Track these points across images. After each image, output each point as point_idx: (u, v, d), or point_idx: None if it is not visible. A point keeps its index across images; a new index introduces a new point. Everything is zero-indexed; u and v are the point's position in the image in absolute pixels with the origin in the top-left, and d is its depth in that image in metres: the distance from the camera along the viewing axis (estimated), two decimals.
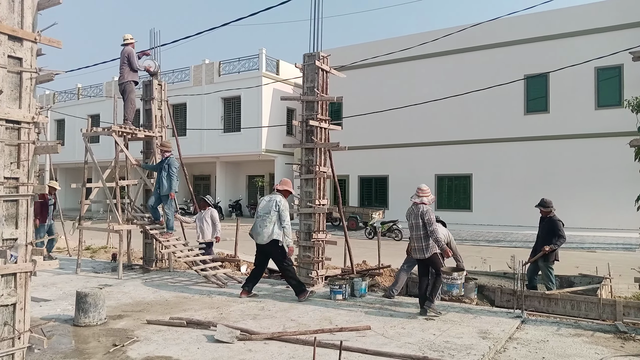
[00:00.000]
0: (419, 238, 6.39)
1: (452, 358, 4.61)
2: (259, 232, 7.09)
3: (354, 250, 9.17)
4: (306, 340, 4.98)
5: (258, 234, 7.10)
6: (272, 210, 7.07)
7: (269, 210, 7.09)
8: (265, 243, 7.06)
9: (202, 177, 32.20)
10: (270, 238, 7.02)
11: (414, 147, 23.22)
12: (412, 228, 6.48)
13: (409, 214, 6.58)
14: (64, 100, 34.53)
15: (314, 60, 7.96)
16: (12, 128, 4.08)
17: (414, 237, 6.47)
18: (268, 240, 7.04)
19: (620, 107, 18.24)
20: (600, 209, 19.06)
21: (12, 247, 4.04)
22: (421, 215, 6.36)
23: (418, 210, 6.43)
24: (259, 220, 7.12)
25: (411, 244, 6.65)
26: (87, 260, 10.82)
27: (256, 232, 7.13)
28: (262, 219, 7.09)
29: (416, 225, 6.41)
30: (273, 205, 7.09)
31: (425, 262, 6.48)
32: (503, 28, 20.60)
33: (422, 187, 6.59)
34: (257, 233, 7.12)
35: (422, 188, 6.58)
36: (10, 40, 4.03)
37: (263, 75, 25.37)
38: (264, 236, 7.04)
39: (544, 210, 7.83)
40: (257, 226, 7.13)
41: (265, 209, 7.13)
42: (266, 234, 7.02)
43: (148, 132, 9.87)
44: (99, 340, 5.17)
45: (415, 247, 6.46)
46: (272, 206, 7.09)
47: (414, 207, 6.57)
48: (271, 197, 7.27)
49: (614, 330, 5.68)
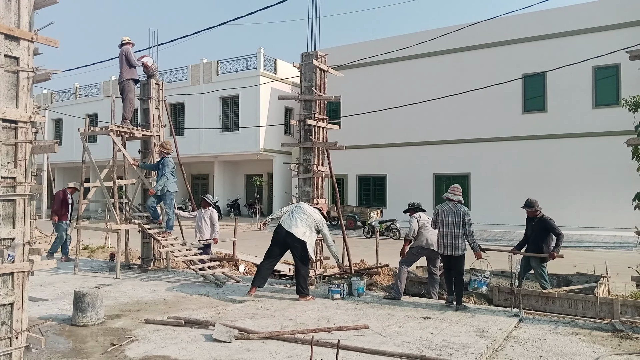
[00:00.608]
0: (456, 236, 6.66)
1: (450, 357, 4.62)
2: (296, 223, 7.04)
3: (352, 249, 9.17)
4: (304, 340, 4.98)
5: (295, 225, 7.03)
6: (312, 222, 7.20)
7: (309, 218, 7.19)
8: (299, 237, 6.97)
9: (200, 176, 32.18)
10: (304, 237, 7.00)
11: (412, 147, 23.22)
12: (449, 225, 6.69)
13: (446, 211, 6.76)
14: (62, 100, 34.44)
15: (312, 60, 7.97)
16: (9, 127, 4.07)
17: (449, 234, 6.68)
18: (302, 237, 6.99)
19: (618, 106, 18.26)
20: (598, 207, 19.09)
21: (10, 246, 4.03)
22: (463, 214, 6.69)
23: (458, 209, 6.73)
24: (297, 215, 7.15)
25: (442, 240, 6.78)
26: (85, 260, 10.80)
27: (293, 222, 7.06)
28: (301, 217, 7.13)
29: (456, 223, 6.68)
30: (313, 222, 7.21)
31: (454, 260, 6.72)
32: (501, 27, 20.61)
33: (457, 186, 6.95)
34: (293, 224, 7.04)
35: (457, 187, 6.93)
36: (6, 39, 4.02)
37: (261, 74, 25.35)
38: (299, 230, 7.00)
39: (531, 210, 7.81)
40: (295, 219, 7.11)
41: (300, 213, 7.21)
42: (301, 231, 7.01)
43: (146, 131, 9.86)
44: (97, 339, 5.17)
45: (448, 244, 6.68)
46: (311, 222, 7.20)
47: (452, 206, 6.79)
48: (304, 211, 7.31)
49: (611, 329, 5.70)
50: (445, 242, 6.74)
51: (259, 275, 7.16)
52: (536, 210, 7.77)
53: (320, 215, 7.38)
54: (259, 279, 7.11)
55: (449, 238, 6.69)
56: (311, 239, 7.11)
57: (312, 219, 7.20)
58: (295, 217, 7.13)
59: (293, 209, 7.33)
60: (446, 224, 6.73)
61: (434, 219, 6.93)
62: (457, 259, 6.74)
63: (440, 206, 6.90)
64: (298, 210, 7.27)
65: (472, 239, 6.70)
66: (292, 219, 7.12)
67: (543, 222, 7.65)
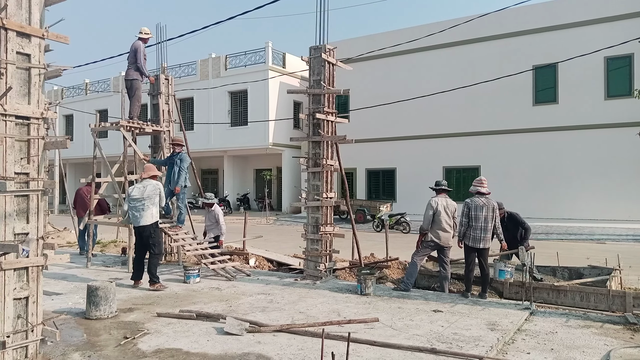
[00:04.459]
0: (489, 229, 6.88)
1: (461, 349, 4.62)
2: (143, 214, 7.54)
3: (362, 243, 9.18)
4: (315, 332, 5.01)
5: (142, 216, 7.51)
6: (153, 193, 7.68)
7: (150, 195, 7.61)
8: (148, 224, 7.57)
9: (210, 171, 32.32)
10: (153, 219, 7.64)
11: (422, 140, 23.11)
12: (482, 219, 6.84)
13: (480, 206, 6.88)
14: (72, 96, 34.72)
15: (320, 53, 7.94)
16: (21, 124, 4.12)
17: (482, 228, 6.84)
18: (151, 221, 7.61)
19: (631, 97, 18.01)
20: (610, 200, 18.90)
21: (24, 241, 4.09)
22: (495, 208, 6.94)
23: (491, 203, 6.91)
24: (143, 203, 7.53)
25: (474, 233, 6.87)
26: (97, 254, 10.92)
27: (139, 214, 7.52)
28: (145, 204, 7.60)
29: (490, 217, 6.87)
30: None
31: (484, 252, 6.95)
32: (511, 18, 20.39)
33: (484, 179, 7.11)
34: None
35: (484, 179, 7.09)
36: (18, 36, 4.06)
37: (269, 68, 25.33)
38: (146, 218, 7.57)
39: (500, 211, 7.73)
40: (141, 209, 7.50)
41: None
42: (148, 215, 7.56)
43: (156, 126, 9.92)
44: (110, 332, 5.23)
45: (482, 237, 6.85)
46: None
47: (484, 199, 6.92)
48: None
49: (624, 322, 5.65)
50: (478, 235, 6.85)
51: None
52: (503, 211, 7.99)
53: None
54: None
55: (483, 232, 6.85)
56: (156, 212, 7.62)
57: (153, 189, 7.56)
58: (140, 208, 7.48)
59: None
60: (480, 218, 6.85)
61: (466, 213, 6.96)
62: (486, 251, 6.97)
63: (472, 200, 6.95)
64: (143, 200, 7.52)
65: (501, 231, 7.03)
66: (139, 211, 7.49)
67: (512, 218, 8.10)
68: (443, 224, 7.22)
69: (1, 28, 3.93)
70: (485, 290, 6.93)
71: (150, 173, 7.76)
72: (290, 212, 26.35)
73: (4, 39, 3.95)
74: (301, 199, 8.35)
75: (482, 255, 6.97)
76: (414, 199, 21.34)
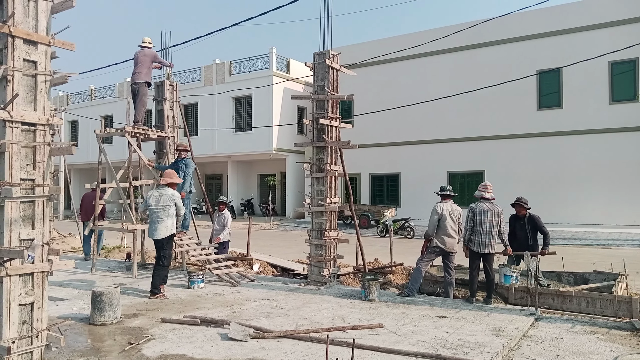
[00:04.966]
0: (494, 234, 6.91)
1: (466, 355, 4.59)
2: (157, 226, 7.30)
3: (366, 248, 9.17)
4: (319, 338, 5.00)
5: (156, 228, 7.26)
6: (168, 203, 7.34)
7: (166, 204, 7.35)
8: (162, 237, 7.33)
9: (214, 176, 32.39)
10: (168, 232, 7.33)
11: (426, 145, 23.09)
12: (487, 224, 6.86)
13: (485, 211, 6.90)
14: (77, 102, 34.92)
15: (324, 59, 7.96)
16: (27, 130, 4.15)
17: (487, 233, 6.86)
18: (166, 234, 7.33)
19: (636, 102, 18.02)
20: (616, 205, 18.80)
21: (29, 247, 4.11)
22: (500, 213, 6.95)
23: (496, 208, 6.94)
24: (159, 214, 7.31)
25: (479, 239, 6.89)
26: (101, 260, 10.94)
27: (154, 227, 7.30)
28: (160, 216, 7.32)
29: (494, 222, 6.90)
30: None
31: (489, 257, 6.96)
32: (514, 23, 20.41)
33: (489, 184, 7.17)
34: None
35: (489, 184, 7.15)
36: (25, 43, 4.10)
37: (273, 74, 25.42)
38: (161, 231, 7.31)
39: (524, 209, 7.65)
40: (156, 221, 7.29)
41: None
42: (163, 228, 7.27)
43: (160, 132, 9.96)
44: (115, 338, 5.24)
45: (487, 242, 6.88)
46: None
47: (489, 205, 6.94)
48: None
49: (630, 328, 5.61)
50: (483, 240, 6.87)
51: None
52: (527, 209, 7.70)
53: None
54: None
55: (488, 237, 6.87)
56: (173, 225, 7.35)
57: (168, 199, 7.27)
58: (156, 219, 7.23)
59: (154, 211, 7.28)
60: (485, 223, 6.86)
61: (471, 218, 6.95)
62: (491, 257, 6.96)
63: (477, 205, 6.95)
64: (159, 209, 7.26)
65: (506, 236, 7.08)
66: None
67: (533, 220, 7.61)
68: (448, 229, 7.20)
69: (8, 36, 3.97)
70: (490, 296, 6.92)
71: (169, 180, 7.46)
72: (294, 217, 26.35)
73: (11, 46, 3.99)
74: (305, 204, 8.35)
75: (487, 260, 6.95)
76: (418, 204, 21.33)
